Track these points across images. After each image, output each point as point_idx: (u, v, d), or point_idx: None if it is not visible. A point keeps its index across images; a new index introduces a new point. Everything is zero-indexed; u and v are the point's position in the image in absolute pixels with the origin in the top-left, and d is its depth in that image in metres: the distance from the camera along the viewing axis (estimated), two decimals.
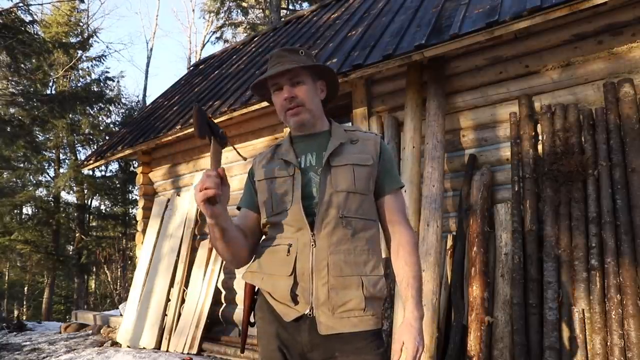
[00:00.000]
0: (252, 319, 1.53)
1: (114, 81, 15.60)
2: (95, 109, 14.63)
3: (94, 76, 15.23)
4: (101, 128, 14.76)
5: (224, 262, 5.28)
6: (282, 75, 1.44)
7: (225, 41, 17.77)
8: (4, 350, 5.70)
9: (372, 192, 1.46)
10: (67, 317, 13.87)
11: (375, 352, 1.36)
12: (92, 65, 15.21)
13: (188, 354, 4.85)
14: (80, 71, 15.20)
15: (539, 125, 3.36)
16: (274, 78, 1.46)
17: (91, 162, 7.00)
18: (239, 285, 5.33)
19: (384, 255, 3.65)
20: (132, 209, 15.20)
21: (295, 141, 1.53)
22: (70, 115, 13.33)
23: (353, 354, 1.34)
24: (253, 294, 1.52)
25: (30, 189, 13.98)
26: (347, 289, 1.34)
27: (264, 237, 1.52)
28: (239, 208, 1.57)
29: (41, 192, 14.36)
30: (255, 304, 1.51)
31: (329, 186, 1.39)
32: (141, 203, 6.66)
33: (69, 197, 15.68)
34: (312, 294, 1.34)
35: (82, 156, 14.84)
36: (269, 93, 1.55)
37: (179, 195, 6.06)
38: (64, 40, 13.38)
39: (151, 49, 27.54)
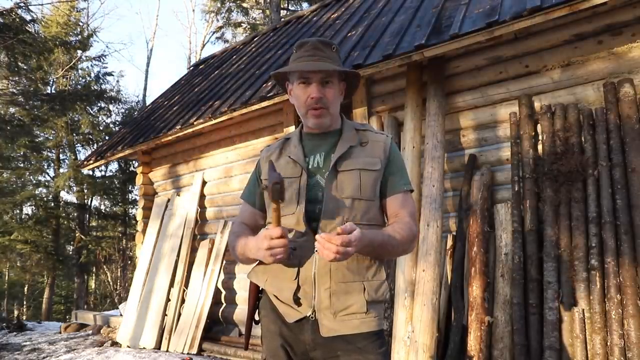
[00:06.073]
0: (256, 317, 1.54)
1: (112, 76, 15.61)
2: (95, 108, 14.63)
3: (93, 75, 15.23)
4: (101, 128, 14.73)
5: (224, 263, 5.28)
6: (318, 72, 1.40)
7: (226, 41, 17.75)
8: (4, 350, 5.70)
9: (379, 197, 1.43)
10: (67, 317, 13.87)
11: (377, 352, 1.37)
12: (91, 65, 15.21)
13: (188, 354, 4.85)
14: (80, 71, 15.20)
15: (539, 125, 3.36)
16: (307, 72, 1.40)
17: (91, 162, 7.00)
18: (239, 285, 5.34)
19: None
20: (132, 209, 15.19)
21: (305, 138, 1.50)
22: (70, 115, 13.31)
23: (355, 353, 1.35)
24: (258, 292, 1.53)
25: (30, 188, 13.96)
26: (349, 295, 1.34)
27: None
28: (242, 197, 1.60)
29: (41, 191, 14.36)
30: (259, 302, 1.51)
31: (335, 191, 1.37)
32: (141, 203, 6.67)
33: (69, 196, 15.69)
34: (315, 298, 1.35)
35: (81, 156, 14.83)
36: (286, 79, 1.52)
37: (179, 195, 6.06)
38: (64, 39, 13.36)
39: (151, 49, 27.66)
